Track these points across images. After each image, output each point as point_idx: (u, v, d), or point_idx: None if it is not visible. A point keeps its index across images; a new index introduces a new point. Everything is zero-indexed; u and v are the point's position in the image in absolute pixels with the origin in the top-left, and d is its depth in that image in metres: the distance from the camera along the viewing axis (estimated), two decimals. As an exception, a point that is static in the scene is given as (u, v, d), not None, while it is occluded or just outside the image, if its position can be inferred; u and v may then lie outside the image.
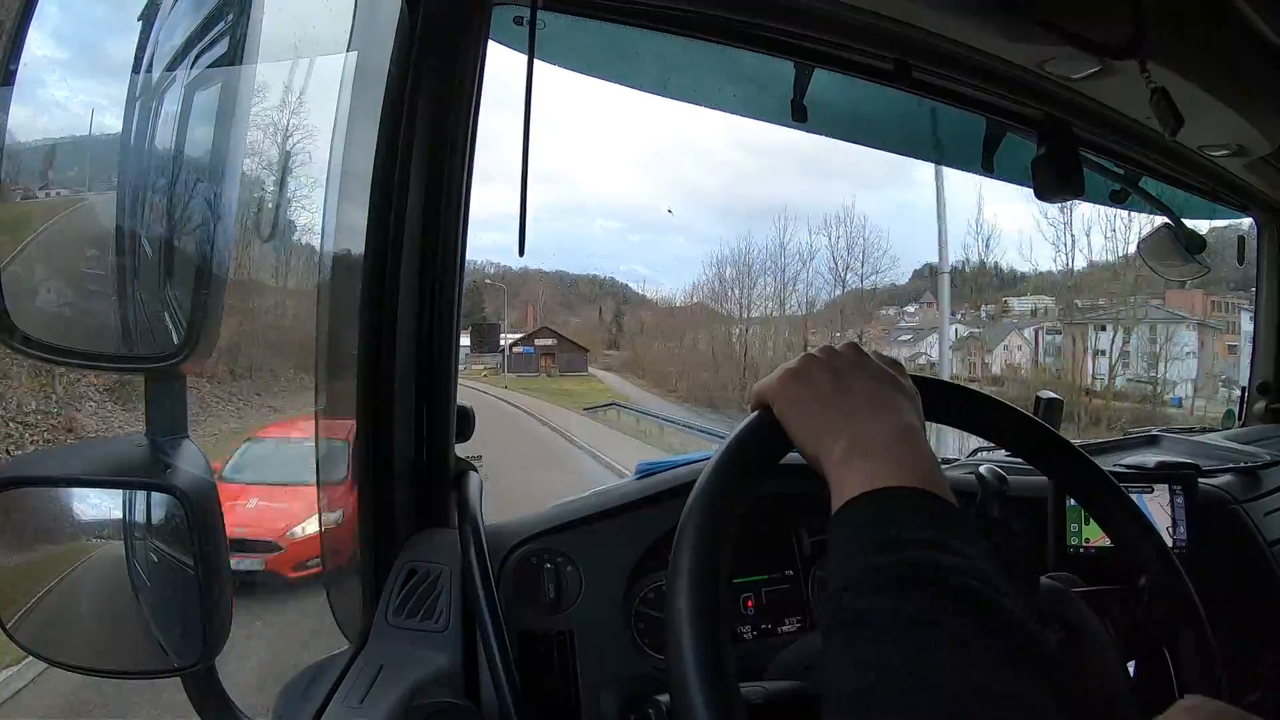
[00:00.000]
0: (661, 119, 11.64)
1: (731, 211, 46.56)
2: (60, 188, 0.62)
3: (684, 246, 52.73)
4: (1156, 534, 0.64)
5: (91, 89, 0.64)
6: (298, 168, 0.88)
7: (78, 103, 0.63)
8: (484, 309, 31.77)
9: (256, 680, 2.36)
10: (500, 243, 24.98)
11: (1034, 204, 1.58)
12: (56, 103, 0.61)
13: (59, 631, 0.63)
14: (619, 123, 43.50)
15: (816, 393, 0.53)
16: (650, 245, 50.99)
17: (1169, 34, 0.92)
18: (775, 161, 46.58)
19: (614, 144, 49.96)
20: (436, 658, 0.78)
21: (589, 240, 48.43)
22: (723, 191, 46.81)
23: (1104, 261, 17.86)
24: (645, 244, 51.87)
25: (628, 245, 49.78)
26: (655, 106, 7.26)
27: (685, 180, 42.97)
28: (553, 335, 28.14)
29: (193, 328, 0.59)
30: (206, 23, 0.61)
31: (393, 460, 0.87)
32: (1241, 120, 1.12)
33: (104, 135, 0.62)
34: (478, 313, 31.73)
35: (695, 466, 1.04)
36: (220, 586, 0.58)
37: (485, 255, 27.49)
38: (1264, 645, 1.13)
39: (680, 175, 39.11)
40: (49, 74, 0.59)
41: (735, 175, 47.04)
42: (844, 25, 0.96)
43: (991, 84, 1.09)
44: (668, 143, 11.65)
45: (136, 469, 0.59)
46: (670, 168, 51.50)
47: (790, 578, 1.02)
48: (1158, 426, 1.68)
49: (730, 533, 0.48)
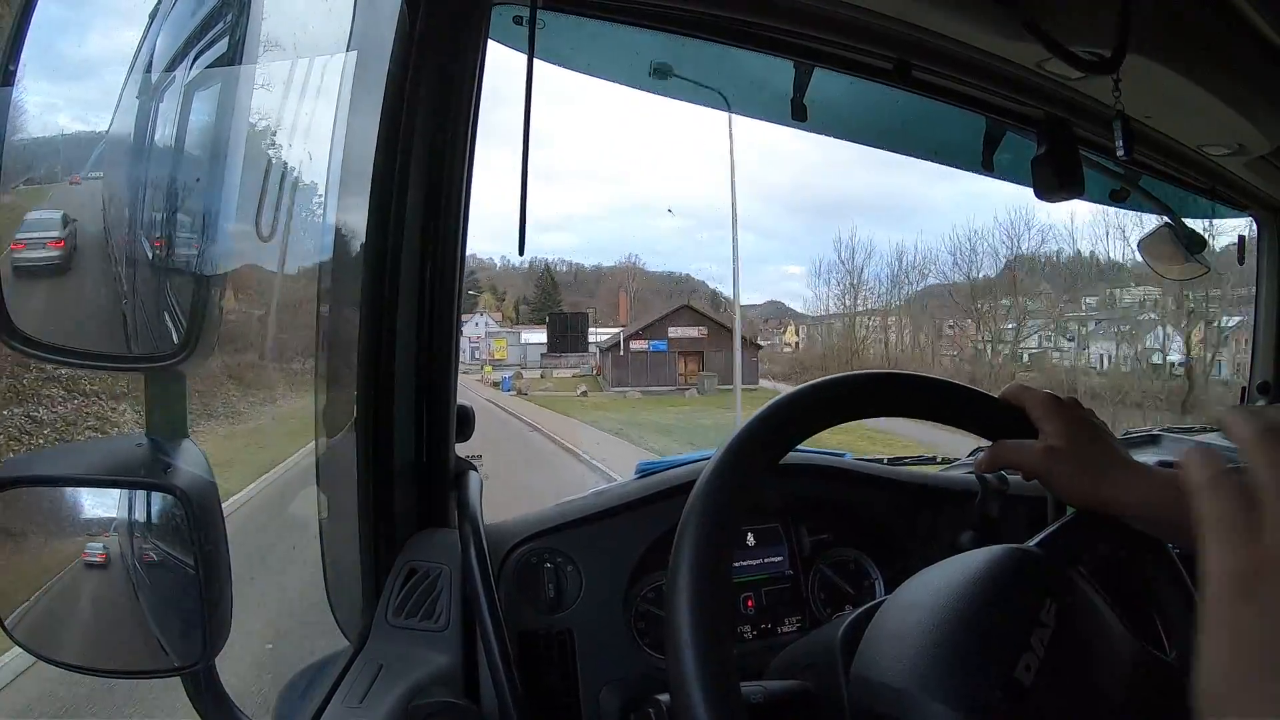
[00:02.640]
0: (723, 112, 10.92)
1: (800, 207, 45.88)
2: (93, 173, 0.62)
3: (752, 243, 52.07)
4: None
5: (92, 89, 0.64)
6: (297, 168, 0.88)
7: (78, 102, 0.63)
8: (558, 301, 27.22)
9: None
10: (567, 244, 24.11)
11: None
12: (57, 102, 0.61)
13: (59, 631, 0.63)
14: (681, 118, 43.00)
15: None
16: (719, 242, 50.39)
17: (1169, 32, 0.92)
18: (841, 153, 45.85)
19: (677, 139, 49.26)
20: (436, 657, 0.78)
21: (656, 239, 47.99)
22: (790, 185, 45.85)
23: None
24: (714, 241, 51.19)
25: (695, 244, 49.25)
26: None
27: (751, 175, 42.28)
28: (701, 318, 18.30)
29: (193, 328, 0.59)
30: (206, 23, 0.61)
31: (393, 460, 0.87)
32: (1241, 120, 1.12)
33: (104, 135, 0.62)
34: (549, 306, 27.22)
35: (695, 466, 1.04)
36: (220, 586, 0.58)
37: (556, 254, 25.87)
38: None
39: (746, 169, 38.25)
40: (50, 74, 0.59)
41: (802, 168, 46.25)
42: (844, 25, 0.96)
43: (991, 83, 1.09)
44: (734, 135, 11.23)
45: (136, 469, 0.59)
46: (737, 162, 50.70)
47: (790, 578, 1.02)
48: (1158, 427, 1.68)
49: (731, 532, 0.48)
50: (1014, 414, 0.65)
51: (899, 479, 1.12)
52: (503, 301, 29.40)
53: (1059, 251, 20.36)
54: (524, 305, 30.34)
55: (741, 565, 1.00)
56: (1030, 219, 20.45)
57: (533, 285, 30.90)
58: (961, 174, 1.44)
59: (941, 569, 0.58)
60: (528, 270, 31.28)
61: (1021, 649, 0.50)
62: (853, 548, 1.07)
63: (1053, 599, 0.53)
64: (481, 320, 26.77)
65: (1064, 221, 19.21)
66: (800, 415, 0.57)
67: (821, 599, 1.03)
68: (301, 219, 0.96)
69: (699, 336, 17.77)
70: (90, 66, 0.65)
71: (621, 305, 23.68)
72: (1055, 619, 0.52)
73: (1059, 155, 1.14)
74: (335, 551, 0.93)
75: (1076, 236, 21.23)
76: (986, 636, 0.51)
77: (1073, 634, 0.52)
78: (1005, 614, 0.52)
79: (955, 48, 1.00)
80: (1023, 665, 0.49)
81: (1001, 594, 0.54)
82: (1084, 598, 0.55)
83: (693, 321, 18.63)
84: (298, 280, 1.15)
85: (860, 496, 1.09)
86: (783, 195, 44.82)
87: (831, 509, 1.08)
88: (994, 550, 0.58)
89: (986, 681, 0.48)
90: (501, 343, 24.80)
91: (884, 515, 1.08)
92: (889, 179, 31.81)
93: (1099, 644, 0.53)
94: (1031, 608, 0.52)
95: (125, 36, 0.61)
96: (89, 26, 0.66)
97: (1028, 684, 0.48)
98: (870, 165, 41.03)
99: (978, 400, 0.66)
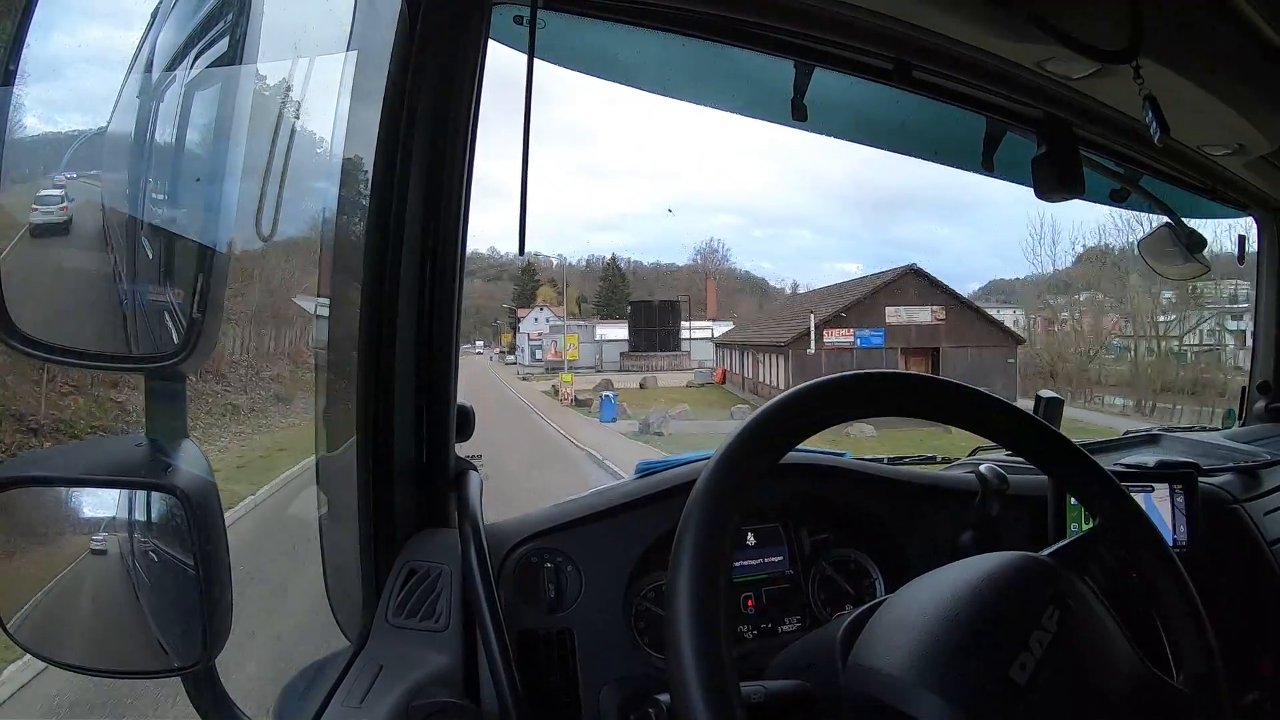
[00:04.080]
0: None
1: (858, 201, 45.37)
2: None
3: (808, 240, 51.39)
4: (1158, 534, 0.64)
5: (91, 89, 0.64)
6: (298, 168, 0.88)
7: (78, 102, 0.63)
8: (626, 294, 23.29)
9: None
10: (622, 242, 22.05)
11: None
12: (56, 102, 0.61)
13: (59, 631, 0.63)
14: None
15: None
16: (774, 240, 49.74)
17: (1169, 34, 0.92)
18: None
19: (731, 134, 48.54)
20: (436, 657, 0.78)
21: (709, 236, 47.42)
22: (847, 179, 45.41)
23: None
24: (769, 239, 50.55)
25: (751, 240, 48.66)
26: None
27: (807, 169, 41.84)
28: (934, 291, 11.22)
29: (193, 328, 0.59)
30: (206, 23, 0.61)
31: (393, 460, 0.87)
32: (1241, 120, 1.12)
33: (104, 135, 0.62)
34: (617, 300, 23.56)
35: (695, 466, 1.04)
36: (220, 586, 0.58)
37: (610, 252, 24.33)
38: (1264, 645, 1.13)
39: (801, 164, 37.33)
40: (49, 73, 0.59)
41: (859, 161, 45.75)
42: (844, 25, 0.96)
43: (991, 83, 1.09)
44: (786, 130, 9.58)
45: (136, 469, 0.59)
46: (790, 156, 50.03)
47: (790, 578, 1.02)
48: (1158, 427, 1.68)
49: (731, 532, 0.48)
50: (1015, 416, 0.65)
51: (899, 479, 1.12)
52: (563, 295, 28.22)
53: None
54: (585, 303, 29.35)
55: (742, 565, 1.00)
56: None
57: (596, 280, 29.69)
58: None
59: (949, 570, 0.59)
60: (585, 269, 30.45)
61: (1019, 648, 0.50)
62: (853, 548, 1.07)
63: (1057, 606, 0.53)
64: (541, 315, 23.77)
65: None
66: (800, 415, 0.57)
67: (821, 599, 1.03)
68: (301, 219, 0.96)
69: (933, 323, 11.05)
70: (91, 66, 0.65)
71: (710, 296, 19.04)
72: (1057, 625, 0.52)
73: (1059, 155, 1.14)
74: (335, 552, 0.93)
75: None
76: (984, 634, 0.51)
77: (1073, 642, 0.52)
78: (1006, 614, 0.52)
79: (955, 48, 1.00)
80: (1018, 664, 0.49)
81: (1004, 595, 0.54)
82: (1090, 611, 0.55)
83: (920, 297, 11.47)
84: (298, 279, 1.15)
85: (860, 496, 1.09)
86: (839, 190, 44.48)
87: (831, 509, 1.08)
88: (1004, 555, 0.58)
89: (980, 676, 0.49)
90: (573, 338, 20.00)
91: (884, 515, 1.08)
92: (944, 171, 31.13)
93: (1100, 656, 0.53)
94: (1034, 611, 0.52)
95: (126, 36, 0.61)
96: (89, 26, 0.66)
97: (1022, 683, 0.49)
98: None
99: (978, 401, 0.66)
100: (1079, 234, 20.09)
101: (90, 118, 0.64)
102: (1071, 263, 20.60)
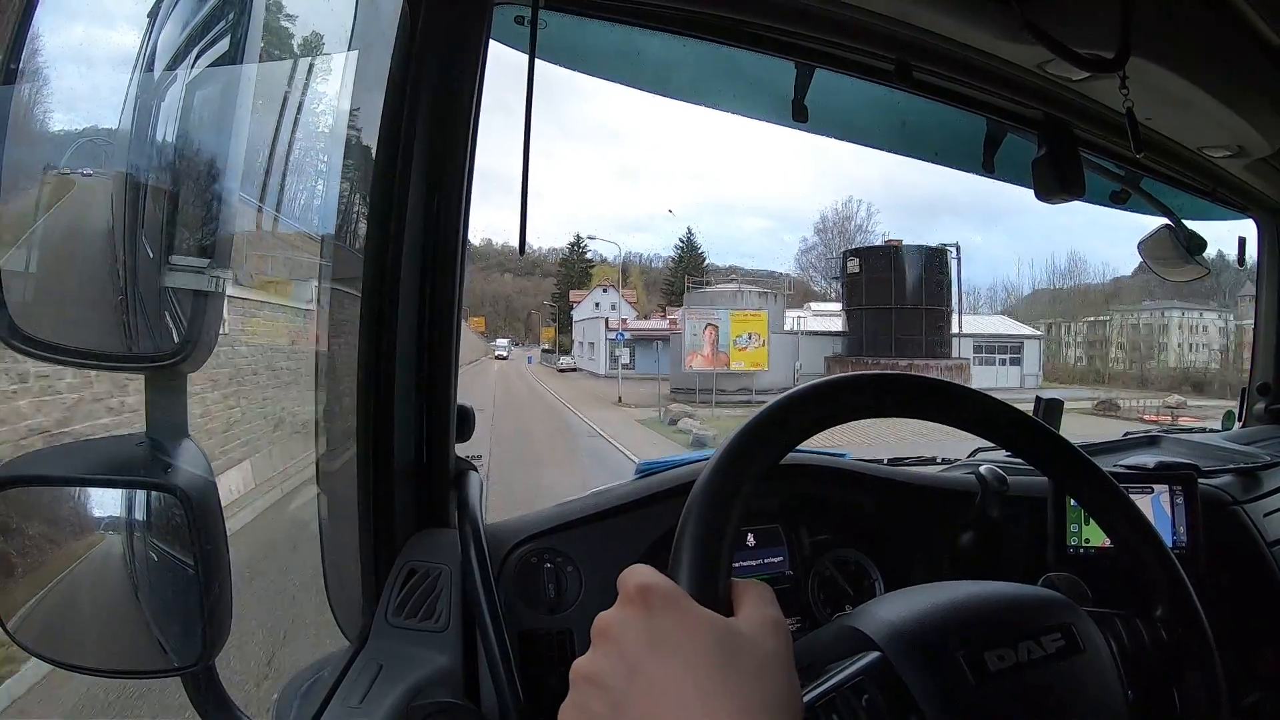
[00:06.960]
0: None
1: (889, 206, 45.32)
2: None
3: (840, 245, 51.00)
4: (1158, 536, 0.64)
5: (91, 88, 0.64)
6: (298, 167, 0.89)
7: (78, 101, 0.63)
8: (705, 271, 21.55)
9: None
10: (649, 244, 21.22)
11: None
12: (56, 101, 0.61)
13: (59, 631, 0.63)
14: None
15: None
16: (804, 243, 48.87)
17: (1169, 34, 0.92)
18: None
19: (762, 136, 48.51)
20: (436, 657, 0.78)
21: (740, 240, 47.23)
22: (881, 183, 45.37)
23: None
24: (798, 243, 49.98)
25: (781, 245, 48.47)
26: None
27: (841, 172, 41.87)
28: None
29: (193, 328, 0.59)
30: (207, 22, 0.61)
31: (393, 460, 0.87)
32: (1241, 121, 1.12)
33: (104, 134, 0.62)
34: (694, 277, 22.48)
35: (695, 466, 1.04)
36: (220, 586, 0.58)
37: (639, 251, 23.55)
38: (1264, 645, 1.13)
39: (835, 166, 37.21)
40: (49, 72, 0.59)
41: (894, 164, 45.79)
42: (844, 25, 0.96)
43: (991, 84, 1.09)
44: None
45: (136, 468, 0.58)
46: (822, 156, 49.61)
47: (790, 578, 1.02)
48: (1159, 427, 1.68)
49: (731, 532, 0.48)
50: (1015, 417, 0.65)
51: (899, 479, 1.12)
52: (628, 281, 26.83)
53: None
54: (654, 292, 27.83)
55: (742, 565, 1.00)
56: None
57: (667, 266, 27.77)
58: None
59: (967, 582, 0.59)
60: (621, 266, 29.34)
61: (1005, 644, 0.50)
62: (853, 548, 1.07)
63: (1063, 635, 0.53)
64: (605, 297, 18.52)
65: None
66: (801, 415, 0.56)
67: (821, 599, 1.03)
68: (302, 218, 0.96)
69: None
70: (91, 65, 0.65)
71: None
72: (1055, 650, 0.52)
73: (1059, 156, 1.15)
74: (335, 551, 0.93)
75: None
76: (974, 622, 0.52)
77: (1065, 670, 0.51)
78: (1006, 619, 0.53)
79: (955, 48, 1.00)
80: (997, 655, 0.49)
81: (1013, 608, 0.54)
82: (1099, 658, 0.54)
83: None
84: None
85: (860, 497, 1.09)
86: (874, 193, 44.44)
87: (831, 509, 1.07)
88: (1034, 587, 0.58)
89: (956, 651, 0.49)
90: (756, 322, 12.67)
91: (884, 515, 1.08)
92: (979, 177, 30.20)
93: (1086, 698, 0.53)
94: (1036, 629, 0.52)
95: (127, 36, 0.61)
96: (90, 26, 0.66)
97: (992, 669, 0.49)
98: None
99: (977, 401, 0.66)
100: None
101: (90, 117, 0.63)
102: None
